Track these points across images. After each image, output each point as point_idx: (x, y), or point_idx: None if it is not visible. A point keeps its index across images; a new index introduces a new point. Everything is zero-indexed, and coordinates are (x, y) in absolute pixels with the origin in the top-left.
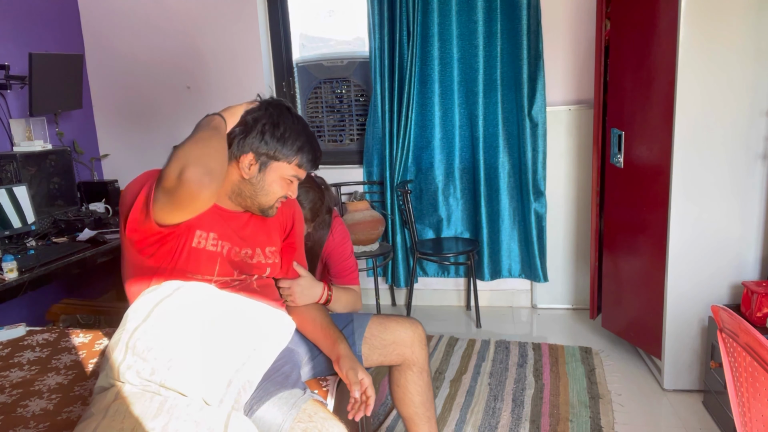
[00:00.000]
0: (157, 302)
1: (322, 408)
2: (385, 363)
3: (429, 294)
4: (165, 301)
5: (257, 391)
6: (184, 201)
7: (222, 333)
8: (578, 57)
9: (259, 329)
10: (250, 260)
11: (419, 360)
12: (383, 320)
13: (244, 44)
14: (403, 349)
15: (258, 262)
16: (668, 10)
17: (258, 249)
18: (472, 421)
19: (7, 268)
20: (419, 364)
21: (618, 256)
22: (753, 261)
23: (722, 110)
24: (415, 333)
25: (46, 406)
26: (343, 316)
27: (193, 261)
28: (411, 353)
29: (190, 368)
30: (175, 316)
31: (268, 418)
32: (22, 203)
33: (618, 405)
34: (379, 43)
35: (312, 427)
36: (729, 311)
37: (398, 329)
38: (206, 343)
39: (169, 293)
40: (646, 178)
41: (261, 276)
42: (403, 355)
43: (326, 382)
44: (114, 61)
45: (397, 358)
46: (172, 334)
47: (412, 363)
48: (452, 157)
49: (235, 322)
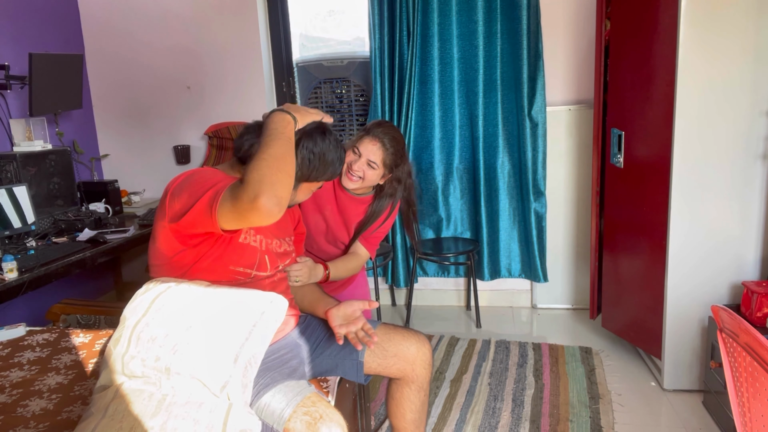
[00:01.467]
0: (153, 298)
1: (324, 400)
2: (384, 374)
3: (429, 294)
4: (161, 296)
5: (265, 379)
6: (253, 221)
7: (221, 317)
8: (578, 57)
9: (255, 309)
10: (278, 249)
11: (419, 379)
12: (390, 331)
13: (244, 44)
14: (404, 365)
15: (285, 251)
16: (668, 10)
17: (284, 239)
18: (473, 421)
19: (7, 268)
20: (418, 383)
21: (618, 256)
22: (753, 261)
23: (722, 110)
24: (420, 351)
25: (46, 406)
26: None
27: (237, 253)
28: (411, 371)
29: (195, 350)
30: (175, 308)
31: (273, 403)
32: (22, 203)
33: (618, 405)
34: (379, 43)
35: (314, 411)
36: (729, 311)
37: (403, 343)
38: (208, 326)
39: (163, 290)
40: (646, 178)
41: (283, 265)
42: (404, 371)
43: (327, 383)
44: (114, 61)
45: (396, 372)
46: (174, 322)
47: (411, 380)
48: (452, 157)
49: (230, 306)
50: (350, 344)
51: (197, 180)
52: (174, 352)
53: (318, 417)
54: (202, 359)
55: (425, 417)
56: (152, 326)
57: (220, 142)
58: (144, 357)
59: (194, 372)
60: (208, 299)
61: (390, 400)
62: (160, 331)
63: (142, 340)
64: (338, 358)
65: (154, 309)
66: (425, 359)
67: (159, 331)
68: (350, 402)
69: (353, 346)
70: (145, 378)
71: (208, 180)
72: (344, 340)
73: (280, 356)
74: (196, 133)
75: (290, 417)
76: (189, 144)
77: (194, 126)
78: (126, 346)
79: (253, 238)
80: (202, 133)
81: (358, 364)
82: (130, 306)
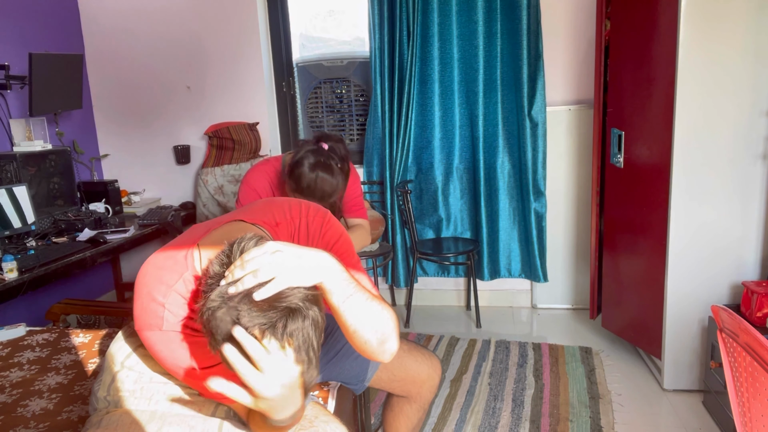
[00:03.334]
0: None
1: (323, 410)
2: (390, 392)
3: (429, 294)
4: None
5: None
6: None
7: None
8: (578, 57)
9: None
10: None
11: (421, 399)
12: (403, 354)
13: (244, 44)
14: (411, 387)
15: None
16: (668, 10)
17: None
18: (472, 421)
19: (7, 268)
20: (420, 403)
21: (618, 256)
22: (753, 261)
23: (722, 110)
24: (430, 377)
25: (46, 406)
26: None
27: None
28: (417, 392)
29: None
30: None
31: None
32: (22, 203)
33: (618, 405)
34: (379, 43)
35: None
36: (729, 311)
37: (414, 367)
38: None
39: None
40: (646, 178)
41: None
42: (409, 392)
43: (327, 386)
44: (114, 61)
45: (401, 392)
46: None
47: (414, 400)
48: (452, 157)
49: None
50: (358, 369)
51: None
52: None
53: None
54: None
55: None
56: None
57: (220, 142)
58: (136, 377)
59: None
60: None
61: (388, 411)
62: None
63: (133, 366)
64: (343, 378)
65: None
66: (433, 384)
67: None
68: (350, 402)
69: (360, 371)
70: (141, 391)
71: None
72: (353, 364)
73: None
74: (196, 133)
75: None
76: (189, 144)
77: (194, 126)
78: (119, 367)
79: None
80: (202, 133)
81: (362, 386)
82: (114, 347)
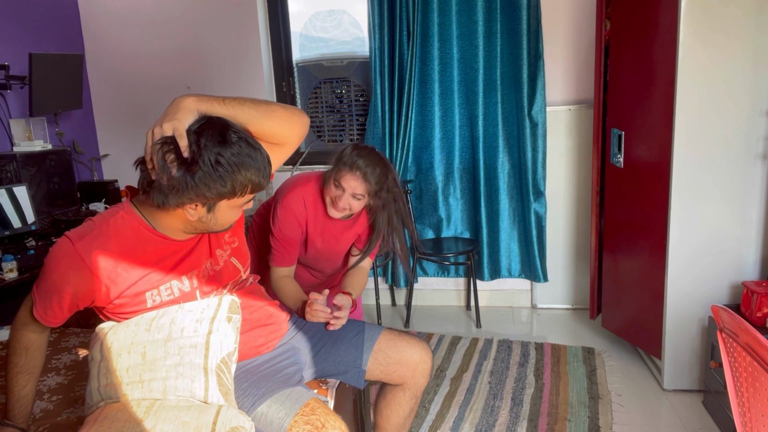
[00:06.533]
0: (103, 338)
1: (324, 405)
2: (385, 380)
3: (429, 294)
4: (109, 334)
5: (259, 389)
6: None
7: (169, 343)
8: (578, 57)
9: (201, 324)
10: (217, 266)
11: (415, 386)
12: (394, 337)
13: (244, 44)
14: (405, 371)
15: (225, 264)
16: (668, 10)
17: (216, 251)
18: (471, 419)
19: (7, 268)
20: (413, 390)
21: (618, 256)
22: (753, 261)
23: (722, 110)
24: (422, 359)
25: (46, 407)
26: (355, 324)
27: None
28: (411, 377)
29: (161, 379)
30: (121, 344)
31: (270, 413)
32: (22, 203)
33: (618, 405)
34: (379, 43)
35: (314, 420)
36: (729, 311)
37: (407, 349)
38: (160, 356)
39: (107, 329)
40: (646, 178)
41: (240, 278)
42: (404, 378)
43: (326, 384)
44: (114, 61)
45: (397, 379)
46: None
47: (408, 387)
48: (452, 157)
49: (174, 334)
50: (354, 352)
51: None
52: (142, 382)
53: (320, 426)
54: (170, 383)
55: (409, 424)
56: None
57: None
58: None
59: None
60: (150, 335)
61: (380, 399)
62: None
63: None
64: (341, 365)
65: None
66: (426, 368)
67: (120, 366)
68: (350, 401)
69: (356, 354)
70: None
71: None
72: (349, 347)
73: (275, 364)
74: None
75: (290, 427)
76: None
77: None
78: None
79: (167, 293)
80: None
81: (360, 372)
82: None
